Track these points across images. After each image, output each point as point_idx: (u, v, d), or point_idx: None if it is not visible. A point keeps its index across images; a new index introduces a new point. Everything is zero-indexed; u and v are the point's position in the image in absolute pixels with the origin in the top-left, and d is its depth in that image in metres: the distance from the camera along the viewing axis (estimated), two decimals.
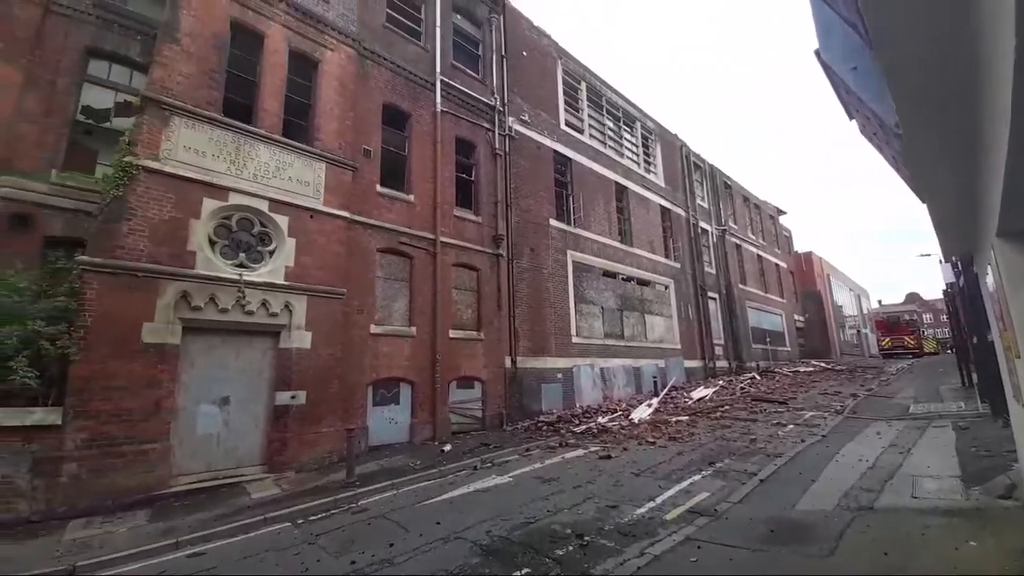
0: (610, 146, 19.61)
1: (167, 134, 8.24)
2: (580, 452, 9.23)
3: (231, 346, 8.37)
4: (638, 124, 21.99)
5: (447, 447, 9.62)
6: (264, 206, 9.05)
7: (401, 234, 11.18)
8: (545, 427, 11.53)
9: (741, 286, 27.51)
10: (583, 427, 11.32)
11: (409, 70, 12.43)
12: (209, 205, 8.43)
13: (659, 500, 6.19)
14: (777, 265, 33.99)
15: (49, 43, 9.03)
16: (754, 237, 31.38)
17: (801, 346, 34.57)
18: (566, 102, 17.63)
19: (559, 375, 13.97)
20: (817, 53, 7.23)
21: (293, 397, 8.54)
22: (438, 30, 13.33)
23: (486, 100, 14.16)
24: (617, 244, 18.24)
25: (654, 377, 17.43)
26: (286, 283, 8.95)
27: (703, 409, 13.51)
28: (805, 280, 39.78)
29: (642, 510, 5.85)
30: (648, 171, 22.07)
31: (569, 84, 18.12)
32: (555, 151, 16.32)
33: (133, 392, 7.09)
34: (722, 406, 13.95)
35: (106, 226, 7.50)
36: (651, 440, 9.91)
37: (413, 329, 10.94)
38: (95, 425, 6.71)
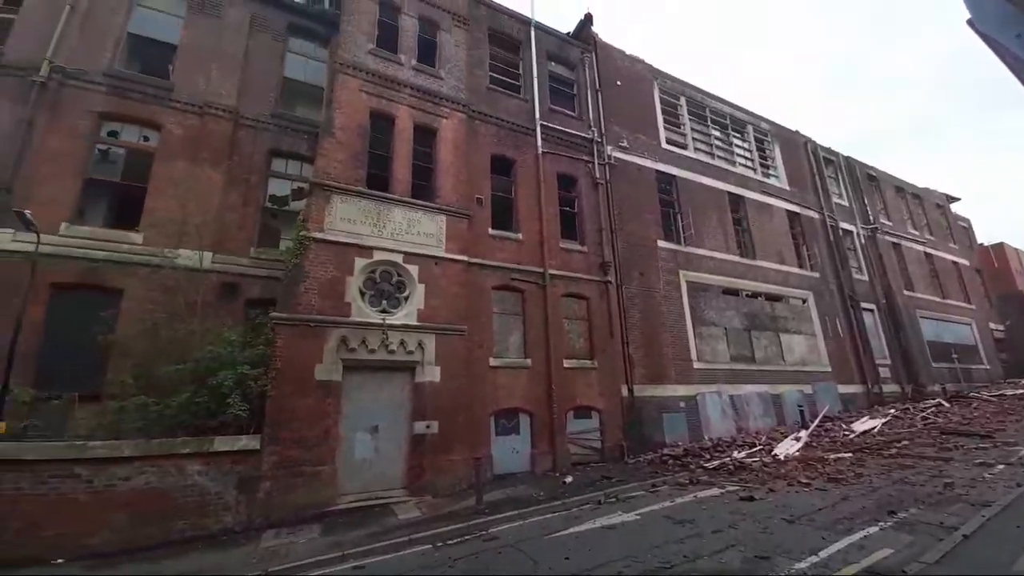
0: (719, 156, 18.55)
1: (328, 209, 10.06)
2: (715, 491, 8.58)
3: (378, 381, 9.68)
4: (749, 128, 20.47)
5: (568, 479, 9.74)
6: (399, 259, 10.44)
7: (512, 271, 11.92)
8: (671, 461, 10.97)
9: (907, 292, 23.10)
10: (716, 462, 10.50)
11: (511, 121, 13.48)
12: (359, 263, 10.00)
13: (824, 554, 5.36)
14: (955, 263, 27.88)
15: (242, 149, 11.72)
16: (916, 232, 26.33)
17: (1004, 362, 27.53)
18: (665, 120, 17.28)
19: (681, 404, 13.25)
20: (971, 23, 6.33)
21: (428, 427, 9.50)
22: (535, 81, 14.29)
23: (583, 134, 14.61)
24: (736, 259, 16.93)
25: (800, 406, 15.46)
26: (418, 324, 10.12)
27: (871, 445, 11.56)
28: (999, 279, 31.96)
29: (802, 565, 5.13)
30: (767, 175, 20.27)
31: (667, 102, 17.76)
32: (657, 171, 16.00)
33: (309, 422, 8.59)
34: (898, 441, 11.80)
35: (289, 287, 9.35)
36: (804, 481, 8.76)
37: (528, 360, 11.44)
38: (282, 450, 8.26)
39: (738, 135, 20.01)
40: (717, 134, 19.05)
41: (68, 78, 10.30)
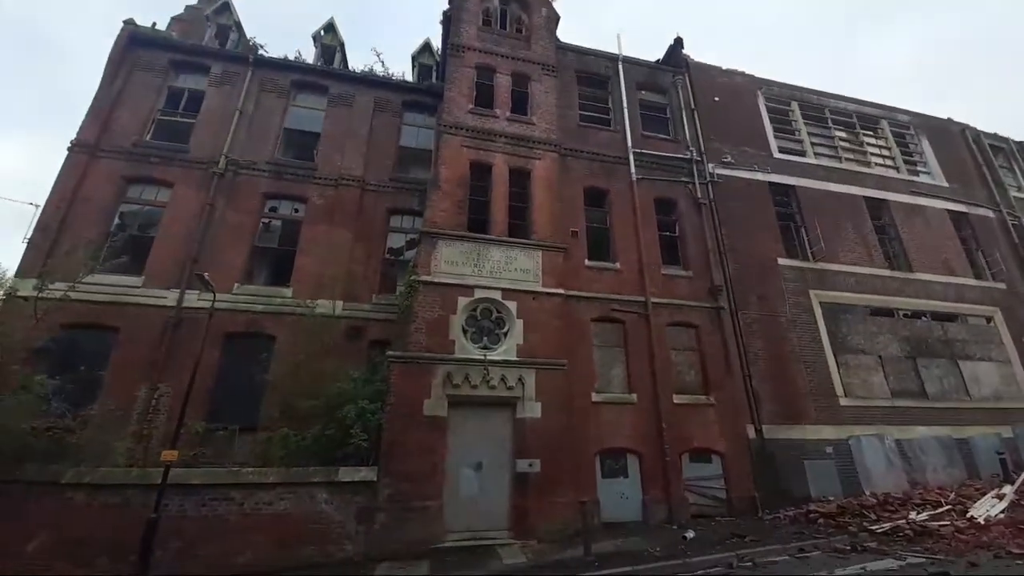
0: (848, 159, 15.76)
1: (435, 254, 10.52)
2: (891, 564, 6.47)
3: (480, 417, 9.48)
4: (883, 123, 17.18)
5: (690, 534, 8.23)
6: (498, 295, 10.41)
7: (611, 301, 11.13)
8: (821, 520, 8.72)
9: None
10: (887, 525, 8.10)
11: (603, 154, 13.10)
12: (461, 302, 10.17)
13: None
14: None
15: (366, 210, 12.98)
16: None
17: None
18: (776, 129, 15.32)
19: (828, 449, 10.74)
20: None
21: (530, 465, 8.94)
22: (625, 111, 13.83)
23: (680, 155, 13.56)
24: (885, 272, 13.83)
25: (999, 453, 11.57)
26: (517, 359, 9.83)
27: None
28: None
29: None
30: (915, 173, 16.63)
31: (776, 110, 15.81)
32: (770, 183, 14.07)
33: (418, 456, 8.64)
34: None
35: (402, 328, 9.83)
36: (1017, 551, 6.45)
37: (634, 396, 10.35)
38: (395, 483, 8.37)
39: (869, 132, 16.91)
40: (843, 135, 16.30)
41: (240, 168, 12.50)
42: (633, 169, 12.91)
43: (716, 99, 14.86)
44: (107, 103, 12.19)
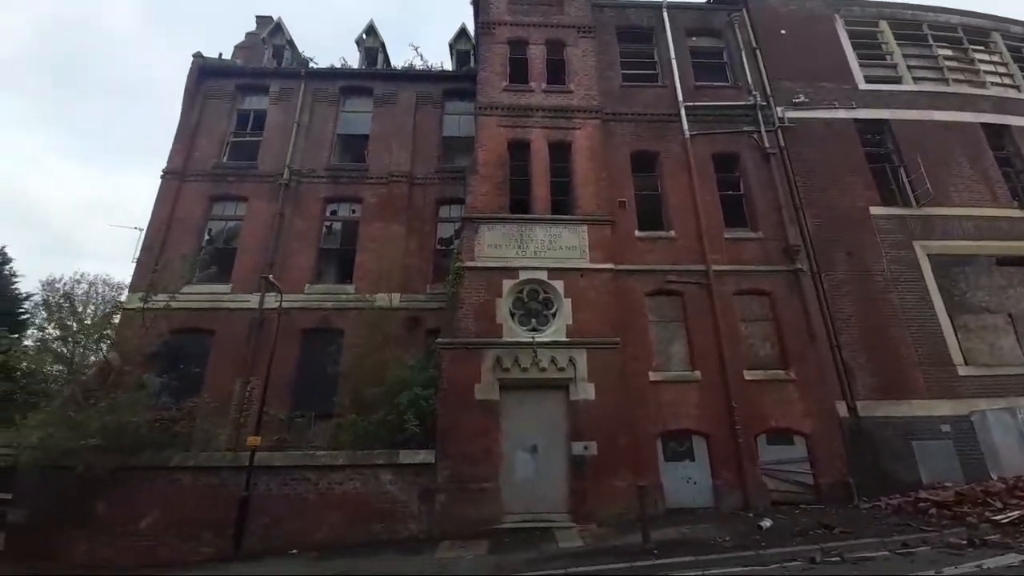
0: (956, 80, 12.81)
1: (477, 239, 10.37)
2: (1015, 559, 5.32)
3: (533, 400, 9.26)
4: (995, 35, 13.72)
5: (766, 522, 7.33)
6: (544, 275, 10.02)
7: (667, 272, 10.20)
8: (933, 509, 7.27)
9: None
10: (1014, 514, 6.60)
11: (650, 113, 11.98)
12: (507, 285, 9.94)
13: None
14: None
15: (416, 204, 13.16)
16: None
17: None
18: (861, 56, 12.86)
19: (944, 427, 9.00)
20: None
21: (586, 448, 8.56)
22: (674, 63, 12.45)
23: (742, 103, 11.94)
24: (1013, 212, 11.15)
25: None
26: (567, 339, 9.42)
27: None
28: None
29: None
30: None
31: (860, 34, 13.25)
32: (856, 120, 11.87)
33: (472, 439, 8.66)
34: None
35: (451, 314, 9.86)
36: None
37: (697, 373, 9.44)
38: (452, 465, 8.48)
39: (980, 47, 13.58)
40: (948, 53, 13.25)
41: (303, 177, 13.25)
42: (686, 125, 11.60)
43: (783, 32, 12.81)
44: (188, 132, 13.51)
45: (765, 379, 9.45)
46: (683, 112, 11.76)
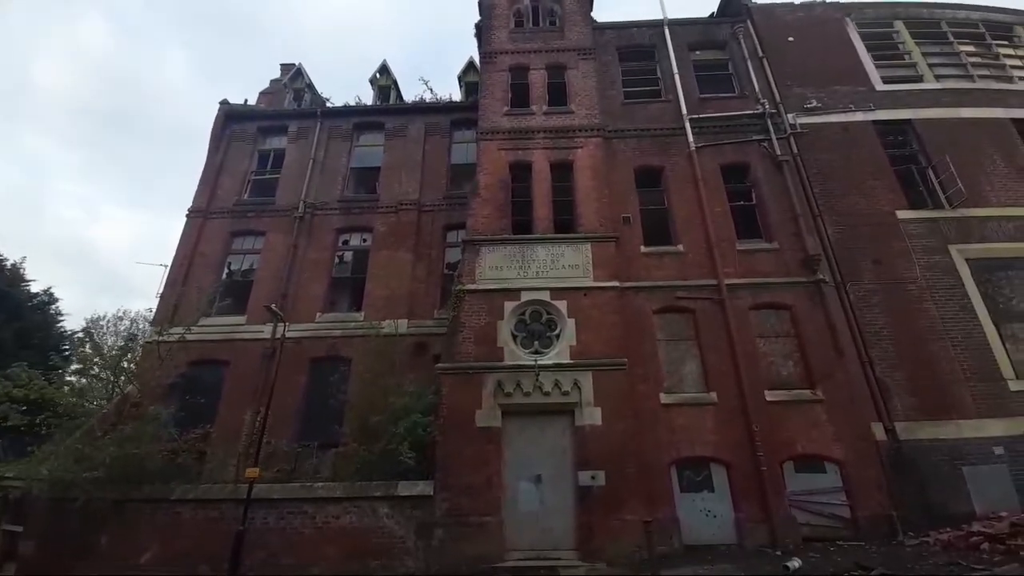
0: (981, 76, 12.02)
1: (479, 262, 10.29)
2: None
3: (537, 426, 8.84)
4: (1019, 29, 13.00)
5: (794, 563, 6.46)
6: (546, 296, 9.76)
7: (676, 288, 9.74)
8: (985, 543, 6.30)
9: None
10: None
11: (654, 128, 11.82)
12: (508, 306, 9.74)
13: None
14: None
15: (423, 231, 13.30)
16: None
17: None
18: (876, 57, 12.34)
19: (997, 449, 7.92)
20: None
21: (593, 477, 8.02)
22: (677, 77, 12.33)
23: (750, 111, 11.58)
24: None
25: None
26: (571, 361, 9.04)
27: None
28: None
29: None
30: None
31: (874, 35, 12.77)
32: (875, 122, 11.25)
33: (473, 469, 8.29)
34: None
35: (451, 338, 9.70)
36: None
37: (712, 394, 8.79)
38: (451, 497, 8.10)
39: (1004, 43, 12.77)
40: (971, 50, 12.50)
41: (317, 209, 13.69)
42: (691, 138, 11.33)
43: (790, 40, 12.50)
44: (213, 172, 14.31)
45: (789, 399, 8.69)
46: (688, 125, 11.52)
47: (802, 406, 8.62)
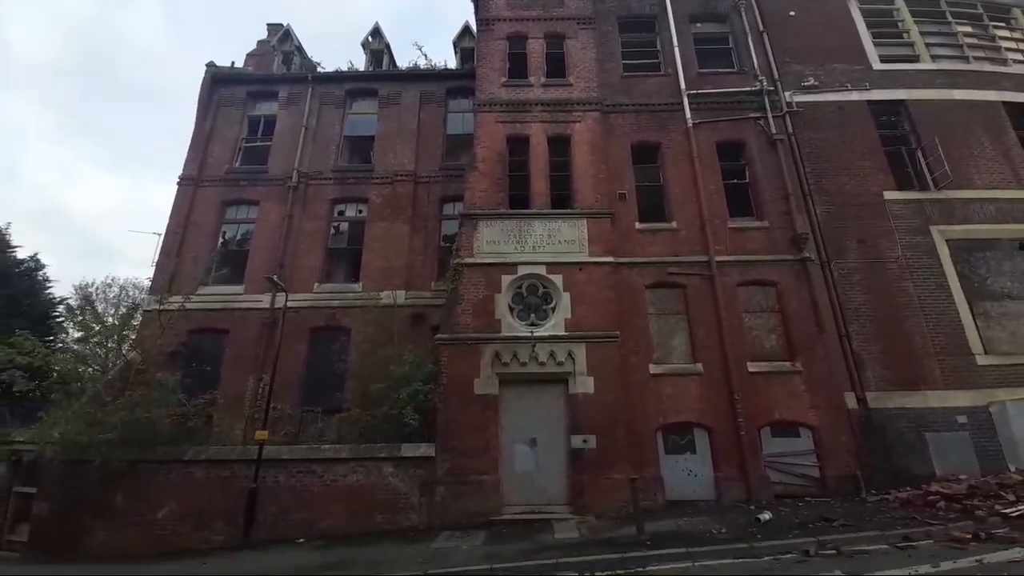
0: (976, 58, 12.16)
1: (476, 236, 10.50)
2: (1018, 553, 5.14)
3: (532, 394, 9.33)
4: (1016, 11, 13.04)
5: (765, 515, 7.20)
6: (543, 270, 10.07)
7: (668, 264, 10.10)
8: (942, 501, 7.05)
9: None
10: None
11: (652, 103, 11.84)
12: (505, 280, 10.04)
13: None
14: None
15: (420, 202, 13.36)
16: None
17: None
18: (875, 35, 12.37)
19: (960, 418, 8.63)
20: None
21: (584, 441, 8.59)
22: (676, 50, 12.26)
23: (748, 88, 11.66)
24: None
25: None
26: (566, 333, 9.45)
27: None
28: None
29: None
30: None
31: (874, 12, 12.74)
32: (870, 102, 11.43)
33: (472, 433, 8.80)
34: None
35: (448, 310, 10.02)
36: None
37: (699, 365, 9.33)
38: (452, 459, 8.64)
39: (1001, 24, 12.85)
40: (968, 30, 12.57)
41: (310, 179, 13.63)
42: (688, 114, 11.43)
43: (792, 14, 12.43)
44: (202, 139, 14.06)
45: (770, 371, 9.27)
46: (686, 101, 11.58)
47: (782, 377, 9.22)
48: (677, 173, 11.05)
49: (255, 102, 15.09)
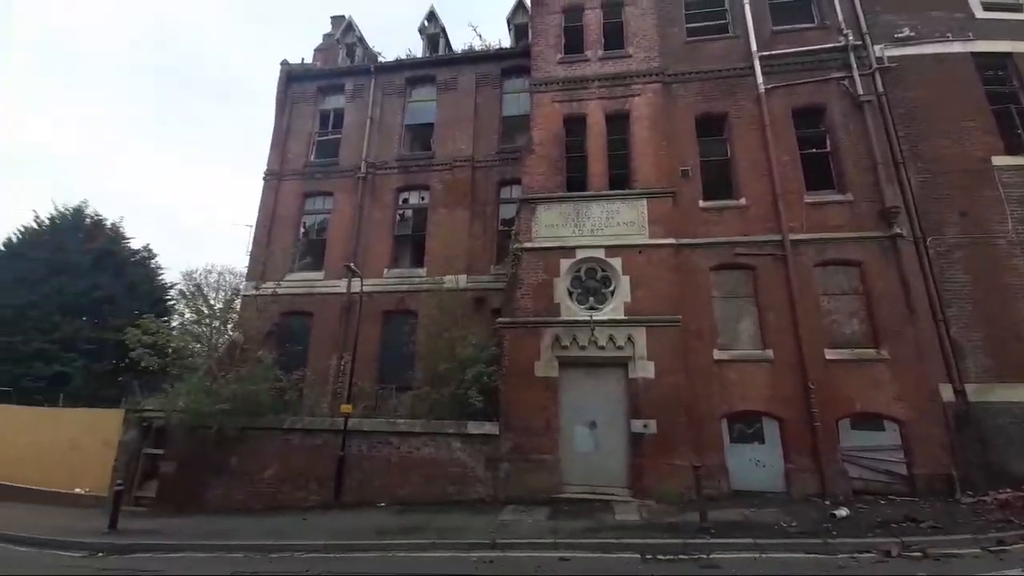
0: None
1: (534, 220, 10.55)
2: None
3: (592, 377, 9.43)
4: None
5: (842, 512, 6.83)
6: (601, 253, 9.96)
7: (735, 245, 9.55)
8: None
9: None
10: None
11: (718, 69, 10.99)
12: (564, 264, 10.06)
13: None
14: None
15: (478, 187, 13.57)
16: None
17: None
18: None
19: None
20: None
21: (645, 426, 8.59)
22: (747, 8, 11.20)
23: (830, 44, 10.38)
24: None
25: None
26: (625, 317, 9.36)
27: None
28: None
29: None
30: None
31: None
32: (975, 54, 9.73)
33: (533, 414, 9.13)
34: None
35: (509, 294, 10.27)
36: None
37: (769, 352, 8.86)
38: (514, 437, 9.05)
39: None
40: None
41: (377, 169, 14.28)
42: (760, 79, 10.44)
43: None
44: (281, 135, 15.15)
45: (851, 359, 8.58)
46: (757, 64, 10.58)
47: (865, 365, 8.51)
48: (746, 145, 10.26)
49: (324, 96, 15.89)
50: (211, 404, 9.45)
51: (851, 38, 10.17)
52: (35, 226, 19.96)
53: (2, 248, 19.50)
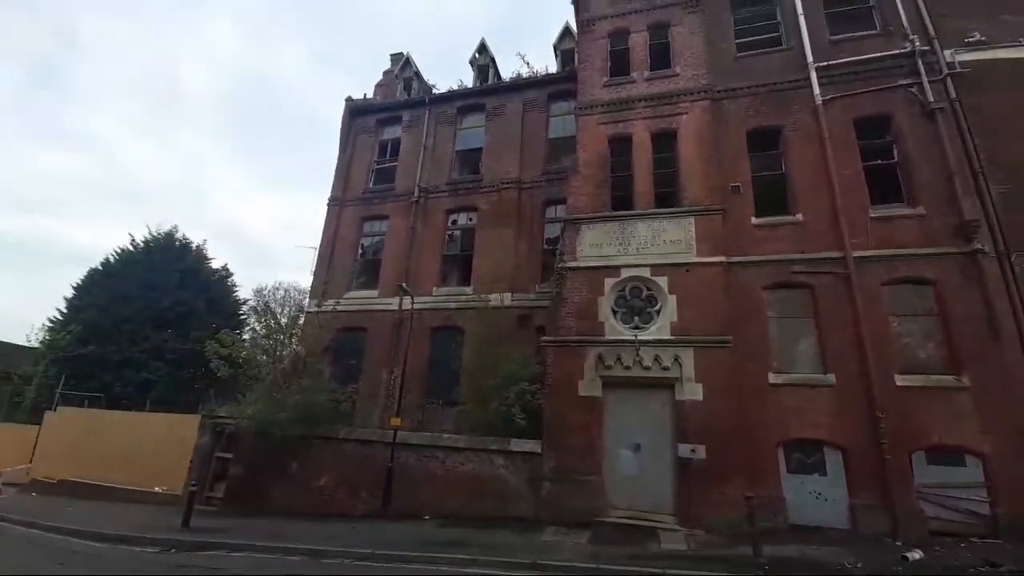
0: None
1: (579, 240, 10.65)
2: None
3: (636, 398, 9.22)
4: None
5: (915, 554, 6.15)
6: (647, 272, 9.83)
7: (791, 263, 9.06)
8: None
9: None
10: None
11: (771, 82, 10.67)
12: (608, 283, 10.03)
13: None
14: None
15: (524, 207, 13.91)
16: None
17: None
18: None
19: None
20: None
21: (693, 451, 8.24)
22: (801, 18, 10.86)
23: (895, 51, 9.79)
24: None
25: None
26: (672, 337, 9.12)
27: None
28: None
29: None
30: None
31: None
32: None
33: (576, 433, 9.03)
34: None
35: (553, 313, 10.36)
36: None
37: (830, 376, 8.24)
38: (557, 456, 8.99)
39: None
40: None
41: (429, 193, 15.07)
42: (817, 90, 10.02)
43: None
44: (345, 164, 16.43)
45: (926, 385, 7.79)
46: (813, 75, 10.17)
47: (942, 393, 7.69)
48: (803, 159, 9.81)
49: (383, 127, 17.10)
50: (276, 413, 10.22)
51: (918, 44, 9.54)
52: (131, 248, 22.69)
53: (100, 268, 22.26)
